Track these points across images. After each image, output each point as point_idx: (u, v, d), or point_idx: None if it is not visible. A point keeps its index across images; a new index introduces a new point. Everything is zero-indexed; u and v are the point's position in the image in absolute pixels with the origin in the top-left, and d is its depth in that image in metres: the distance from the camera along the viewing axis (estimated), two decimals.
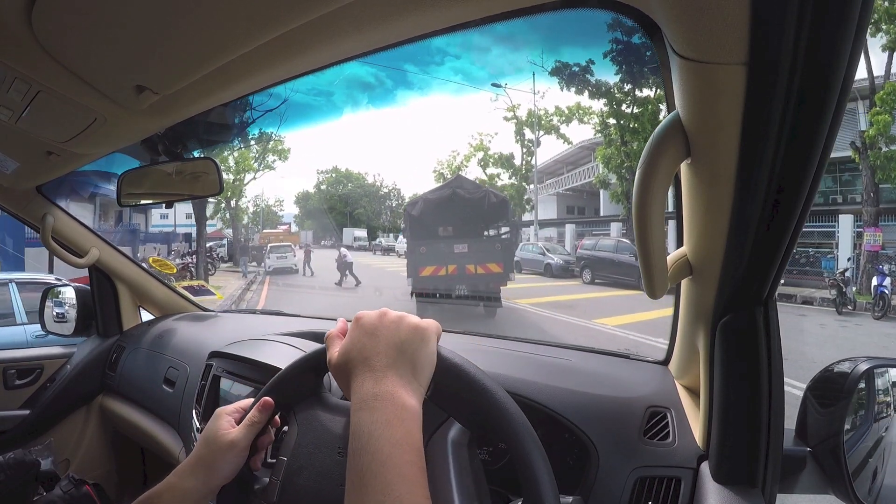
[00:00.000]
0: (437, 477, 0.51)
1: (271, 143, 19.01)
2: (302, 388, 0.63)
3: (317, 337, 1.10)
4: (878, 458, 0.71)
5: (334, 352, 0.51)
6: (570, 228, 18.86)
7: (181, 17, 0.54)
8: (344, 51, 0.65)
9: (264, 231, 30.09)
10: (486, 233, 8.94)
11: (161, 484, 0.58)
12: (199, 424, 1.06)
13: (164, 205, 1.55)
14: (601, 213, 21.28)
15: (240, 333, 1.26)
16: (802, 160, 0.43)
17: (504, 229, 8.94)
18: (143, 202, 1.35)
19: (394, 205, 38.34)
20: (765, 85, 0.38)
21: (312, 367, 0.61)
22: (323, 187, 40.65)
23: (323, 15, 0.52)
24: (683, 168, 0.55)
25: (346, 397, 0.48)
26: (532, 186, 20.34)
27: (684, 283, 0.70)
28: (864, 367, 0.66)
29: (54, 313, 1.79)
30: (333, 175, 40.47)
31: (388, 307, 0.53)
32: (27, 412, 1.56)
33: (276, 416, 0.61)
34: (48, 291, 1.82)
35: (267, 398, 0.58)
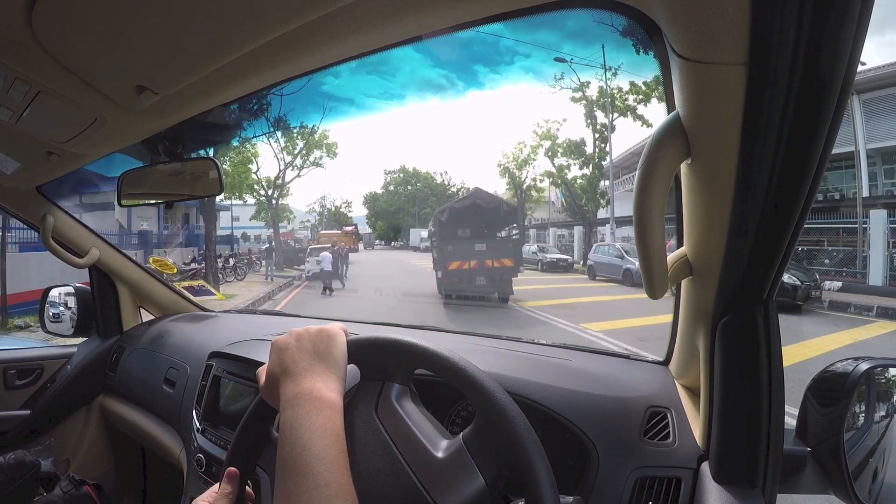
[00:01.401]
0: (398, 428, 0.57)
1: (317, 136, 17.80)
2: (257, 441, 0.65)
3: None
4: (878, 458, 0.71)
5: (261, 380, 0.56)
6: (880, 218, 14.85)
7: (181, 18, 0.54)
8: (344, 51, 0.65)
9: (322, 231, 28.56)
10: (499, 234, 10.81)
11: None
12: (200, 425, 1.06)
13: (164, 205, 1.54)
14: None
15: (240, 334, 1.26)
16: (802, 160, 0.43)
17: (514, 231, 10.85)
18: (143, 202, 1.34)
19: None
20: (765, 85, 0.38)
21: (260, 416, 0.64)
22: (391, 188, 38.76)
23: (323, 15, 0.52)
24: (683, 168, 0.55)
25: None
26: (607, 182, 17.63)
27: (684, 283, 0.70)
28: (864, 367, 0.66)
29: (53, 313, 1.79)
30: (401, 175, 38.54)
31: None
32: (27, 412, 1.56)
33: (249, 488, 0.63)
34: (48, 291, 1.82)
35: (230, 468, 0.60)
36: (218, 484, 0.61)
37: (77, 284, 1.78)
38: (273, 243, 18.77)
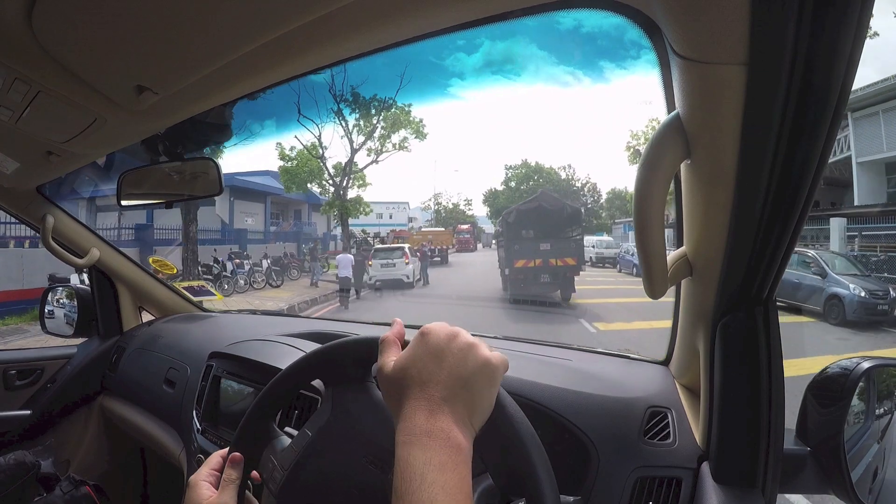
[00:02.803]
0: None
1: (392, 109, 14.76)
2: (346, 369, 0.60)
3: (318, 338, 1.10)
4: (878, 458, 0.71)
5: (389, 361, 0.46)
6: (838, 224, 11.37)
7: (181, 18, 0.54)
8: (344, 51, 0.65)
9: (421, 230, 24.67)
10: (563, 235, 11.11)
11: None
12: (200, 425, 1.06)
13: (164, 205, 1.54)
14: (856, 202, 12.60)
15: (240, 334, 1.26)
16: (802, 160, 0.43)
17: (576, 232, 11.22)
18: (142, 202, 1.34)
19: (588, 202, 31.81)
20: (765, 85, 0.38)
21: (360, 356, 0.58)
22: (512, 184, 34.23)
23: (323, 15, 0.52)
24: (683, 168, 0.55)
25: (391, 414, 0.45)
26: None
27: (684, 283, 0.70)
28: (864, 366, 0.66)
29: (55, 314, 1.79)
30: (523, 170, 34.25)
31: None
32: (28, 413, 1.56)
33: (255, 472, 0.61)
34: (48, 292, 1.82)
35: (235, 454, 0.56)
36: (219, 459, 0.58)
37: (77, 285, 1.78)
38: (316, 242, 16.15)
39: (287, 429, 0.67)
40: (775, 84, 0.38)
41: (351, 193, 16.24)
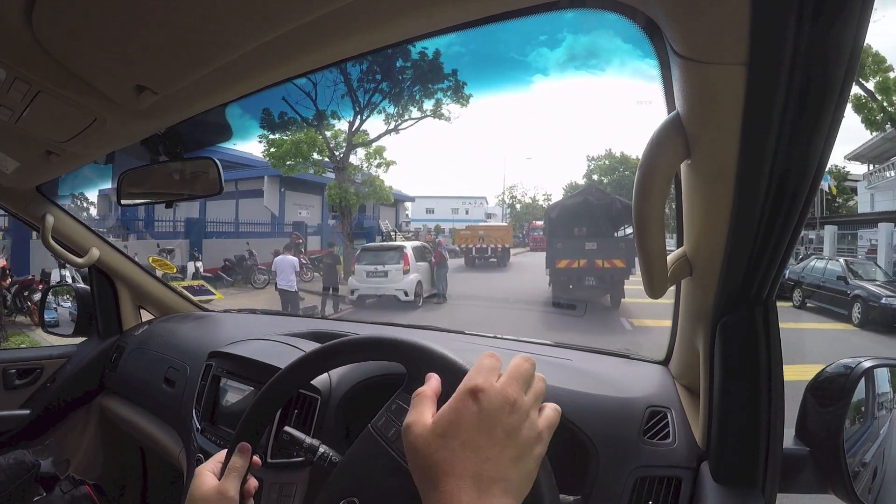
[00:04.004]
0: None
1: (411, 55, 9.61)
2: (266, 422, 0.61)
3: (319, 338, 1.10)
4: (878, 458, 0.71)
5: (423, 420, 0.39)
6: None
7: (181, 17, 0.54)
8: (344, 51, 0.65)
9: (467, 227, 18.19)
10: (616, 233, 10.19)
11: None
12: (199, 424, 1.06)
13: (164, 205, 1.54)
14: None
15: (240, 333, 1.26)
16: (802, 160, 0.43)
17: (629, 230, 10.11)
18: (142, 202, 1.34)
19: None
20: (765, 85, 0.38)
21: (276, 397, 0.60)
22: (594, 176, 30.69)
23: (323, 15, 0.52)
24: (683, 168, 0.55)
25: (418, 487, 0.38)
26: None
27: (684, 282, 0.70)
28: (864, 366, 0.66)
29: (55, 313, 1.80)
30: (606, 161, 30.68)
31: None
32: (27, 412, 1.56)
33: (255, 457, 0.61)
34: (48, 291, 1.82)
35: (244, 444, 0.57)
36: (223, 452, 0.58)
37: (77, 285, 1.79)
38: (295, 236, 11.37)
39: (287, 428, 0.66)
40: (775, 84, 0.38)
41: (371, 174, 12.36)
